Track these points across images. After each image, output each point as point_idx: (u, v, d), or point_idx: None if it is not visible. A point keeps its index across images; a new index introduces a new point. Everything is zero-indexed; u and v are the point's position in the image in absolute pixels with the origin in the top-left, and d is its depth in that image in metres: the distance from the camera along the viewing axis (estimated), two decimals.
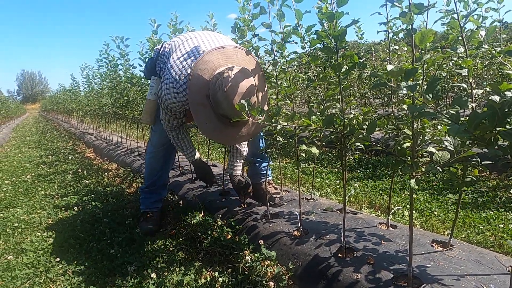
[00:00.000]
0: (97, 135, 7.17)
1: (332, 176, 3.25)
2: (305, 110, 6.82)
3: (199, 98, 1.56)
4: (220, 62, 1.57)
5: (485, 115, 0.75)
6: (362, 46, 3.59)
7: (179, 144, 1.96)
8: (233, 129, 1.59)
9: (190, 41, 1.79)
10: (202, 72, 1.55)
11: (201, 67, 1.55)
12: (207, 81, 1.53)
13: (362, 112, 1.21)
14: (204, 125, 1.61)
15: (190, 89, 1.56)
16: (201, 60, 1.57)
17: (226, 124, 1.57)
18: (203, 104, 1.56)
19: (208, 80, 1.53)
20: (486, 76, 4.57)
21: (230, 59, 1.59)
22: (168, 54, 1.89)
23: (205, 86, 1.53)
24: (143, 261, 1.68)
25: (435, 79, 0.79)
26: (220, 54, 1.59)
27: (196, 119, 1.63)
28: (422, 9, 0.84)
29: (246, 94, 1.46)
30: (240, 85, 1.46)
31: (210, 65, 1.55)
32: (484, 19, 1.54)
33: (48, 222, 2.44)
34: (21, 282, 1.66)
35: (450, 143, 0.92)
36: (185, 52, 1.72)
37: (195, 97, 1.57)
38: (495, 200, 2.29)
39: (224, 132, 1.61)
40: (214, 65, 1.55)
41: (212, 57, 1.58)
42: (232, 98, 1.45)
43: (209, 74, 1.54)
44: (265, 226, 1.68)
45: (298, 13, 1.27)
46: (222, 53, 1.60)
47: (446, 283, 1.05)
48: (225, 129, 1.59)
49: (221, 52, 1.60)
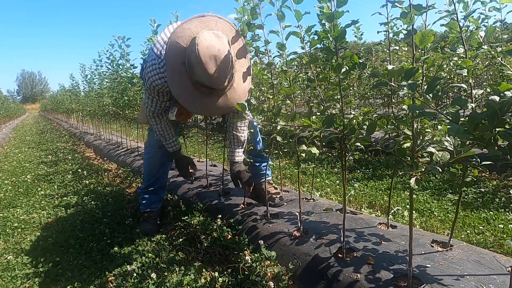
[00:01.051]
0: (97, 135, 7.17)
1: (332, 176, 3.25)
2: (305, 110, 6.82)
3: (176, 66, 1.52)
4: (199, 29, 1.53)
5: (484, 115, 0.75)
6: (361, 46, 3.59)
7: (161, 132, 1.92)
8: (210, 99, 1.56)
9: (174, 24, 1.78)
10: (180, 39, 1.52)
11: (180, 34, 1.53)
12: (184, 48, 1.50)
13: (362, 112, 1.21)
14: (182, 94, 1.57)
15: (168, 56, 1.53)
16: (180, 28, 1.55)
17: (202, 93, 1.54)
18: (179, 72, 1.52)
19: (185, 47, 1.50)
20: (486, 76, 4.58)
21: (210, 26, 1.56)
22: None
23: (182, 53, 1.50)
24: (143, 261, 1.68)
25: (435, 78, 0.79)
26: (200, 22, 1.56)
27: (173, 88, 1.59)
28: (421, 10, 0.84)
29: (219, 58, 1.42)
30: (213, 48, 1.42)
31: (188, 32, 1.52)
32: (487, 18, 1.54)
33: (48, 222, 2.44)
34: (21, 282, 1.66)
35: (450, 143, 0.92)
36: (168, 31, 1.71)
37: (173, 65, 1.53)
38: (495, 200, 2.29)
39: (201, 102, 1.56)
40: (192, 32, 1.52)
41: (191, 25, 1.55)
42: (204, 60, 1.41)
43: (186, 41, 1.51)
44: (265, 226, 1.68)
45: (297, 14, 1.27)
46: (202, 21, 1.57)
47: (446, 283, 1.05)
48: (202, 99, 1.55)
49: (201, 20, 1.57)
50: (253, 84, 2.28)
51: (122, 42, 3.51)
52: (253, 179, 2.00)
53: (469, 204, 2.29)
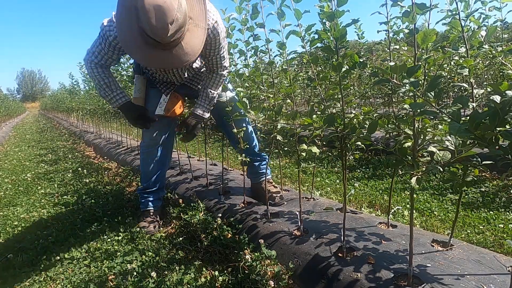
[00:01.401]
0: (97, 133, 7.17)
1: (332, 176, 3.25)
2: (305, 109, 6.82)
3: (126, 10, 1.45)
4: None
5: (486, 114, 0.74)
6: (362, 45, 3.58)
7: (102, 82, 1.80)
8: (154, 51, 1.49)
9: None
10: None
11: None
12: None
13: (363, 112, 1.21)
14: (127, 41, 1.51)
15: (118, 2, 1.48)
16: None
17: (147, 44, 1.48)
18: (129, 17, 1.45)
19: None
20: (487, 76, 4.57)
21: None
22: None
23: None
24: (143, 260, 1.68)
25: (437, 77, 0.79)
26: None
27: (121, 32, 1.52)
28: (425, 10, 0.84)
29: (164, 10, 1.36)
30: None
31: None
32: (487, 18, 1.54)
33: (48, 221, 2.44)
34: (21, 280, 1.66)
35: (451, 142, 0.92)
36: None
37: (123, 8, 1.47)
38: (495, 200, 2.29)
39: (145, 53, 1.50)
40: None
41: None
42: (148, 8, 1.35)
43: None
44: (265, 226, 1.68)
45: (297, 12, 1.27)
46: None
47: (446, 282, 1.05)
48: (146, 49, 1.49)
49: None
50: (250, 82, 2.28)
51: None
52: (251, 182, 1.99)
53: (470, 203, 2.29)
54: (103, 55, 1.75)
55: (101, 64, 1.79)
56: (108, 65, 1.83)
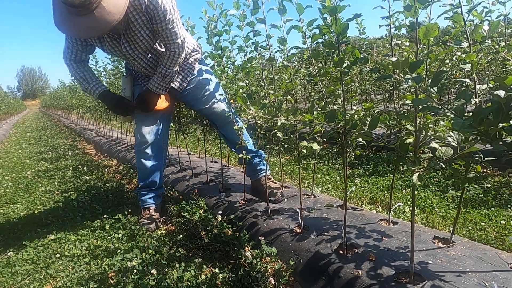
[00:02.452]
0: (97, 131, 7.16)
1: (332, 173, 3.24)
2: (305, 106, 6.80)
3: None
4: None
5: (490, 110, 0.73)
6: (363, 41, 3.56)
7: (78, 77, 1.87)
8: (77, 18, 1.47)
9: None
10: None
11: None
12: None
13: (364, 108, 1.20)
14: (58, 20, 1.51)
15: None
16: None
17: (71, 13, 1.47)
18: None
19: None
20: (488, 72, 4.54)
21: None
22: None
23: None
24: (143, 257, 1.68)
25: (440, 72, 0.78)
26: None
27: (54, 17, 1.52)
28: (427, 3, 0.83)
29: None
30: None
31: None
32: (491, 12, 1.51)
33: (48, 218, 2.44)
34: (21, 278, 1.66)
35: (454, 138, 0.91)
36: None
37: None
38: (497, 197, 2.28)
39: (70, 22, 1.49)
40: None
41: None
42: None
43: None
44: (265, 223, 1.67)
45: (299, 7, 1.26)
46: None
47: (447, 279, 1.04)
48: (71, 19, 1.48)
49: None
50: (250, 79, 2.26)
51: None
52: (250, 179, 1.96)
53: (471, 200, 2.28)
54: (71, 49, 1.81)
55: (74, 59, 1.84)
56: (81, 59, 1.87)
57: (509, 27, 2.66)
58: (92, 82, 1.89)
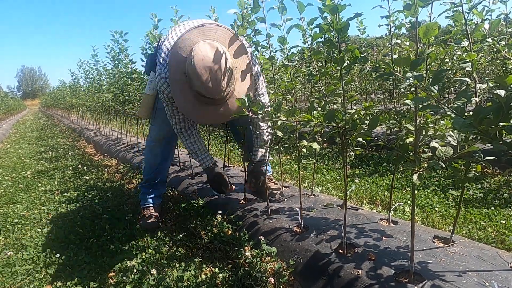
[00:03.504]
0: (97, 131, 7.16)
1: (332, 172, 3.24)
2: (305, 105, 6.80)
3: (178, 76, 1.55)
4: (199, 39, 1.56)
5: (490, 109, 0.73)
6: (363, 40, 3.56)
7: (192, 147, 1.93)
8: (210, 108, 1.57)
9: (177, 28, 1.79)
10: (181, 50, 1.55)
11: (180, 45, 1.56)
12: (185, 57, 1.53)
13: (364, 107, 1.20)
14: (183, 104, 1.60)
15: (170, 66, 1.57)
16: (181, 39, 1.58)
17: (202, 103, 1.56)
18: (181, 82, 1.55)
19: (185, 57, 1.53)
20: (488, 71, 4.54)
21: (209, 36, 1.58)
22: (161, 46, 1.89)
23: (183, 62, 1.53)
24: (143, 257, 1.68)
25: (441, 70, 0.77)
26: (199, 32, 1.59)
27: (176, 98, 1.62)
28: (427, 2, 0.82)
29: (215, 69, 1.45)
30: (208, 59, 1.44)
31: (188, 42, 1.55)
32: (491, 11, 1.51)
33: (48, 218, 2.44)
34: (21, 277, 1.66)
35: (454, 138, 0.91)
36: (170, 37, 1.73)
37: (175, 75, 1.56)
38: (497, 196, 2.28)
39: (202, 111, 1.59)
40: (192, 42, 1.55)
41: (191, 35, 1.58)
42: (200, 72, 1.44)
43: (187, 52, 1.53)
44: (265, 222, 1.67)
45: (300, 5, 1.25)
46: (201, 30, 1.59)
47: (447, 279, 1.04)
48: (202, 108, 1.58)
49: (200, 30, 1.59)
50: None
51: (120, 37, 3.48)
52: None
53: (471, 199, 2.28)
54: (177, 114, 1.82)
55: (185, 128, 1.87)
56: (191, 125, 1.91)
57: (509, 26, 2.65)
58: (201, 155, 1.95)
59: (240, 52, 1.61)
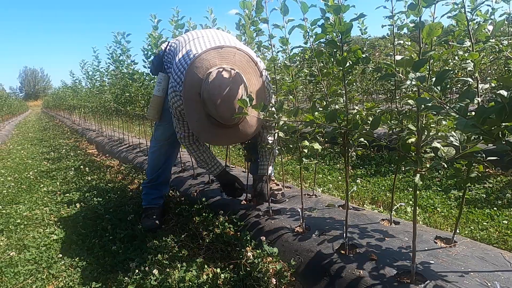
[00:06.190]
0: (99, 131, 7.17)
1: (334, 173, 3.24)
2: (307, 106, 6.79)
3: (192, 95, 1.56)
4: (216, 61, 1.56)
5: (493, 109, 0.73)
6: (365, 41, 3.55)
7: (201, 158, 1.93)
8: (221, 130, 1.59)
9: (192, 42, 1.77)
10: (197, 70, 1.55)
11: (197, 65, 1.56)
12: (201, 79, 1.54)
13: (366, 108, 1.20)
14: (195, 123, 1.61)
15: (185, 85, 1.57)
16: (198, 58, 1.58)
17: (214, 124, 1.58)
18: (195, 101, 1.56)
19: (201, 78, 1.53)
20: (490, 71, 4.53)
21: (227, 59, 1.58)
22: (174, 52, 1.88)
23: (198, 83, 1.54)
24: (145, 257, 1.68)
25: (444, 71, 0.77)
26: (218, 54, 1.59)
27: (188, 116, 1.63)
28: (430, 2, 0.82)
29: (230, 96, 1.45)
30: (224, 86, 1.45)
31: (206, 63, 1.56)
32: (494, 11, 1.50)
33: (50, 219, 2.45)
34: (24, 278, 1.67)
35: (456, 138, 0.90)
36: (186, 52, 1.71)
37: (188, 94, 1.57)
38: (500, 196, 2.27)
39: (212, 132, 1.61)
40: (210, 64, 1.56)
41: (209, 56, 1.58)
42: (215, 99, 1.45)
43: (203, 73, 1.54)
44: (267, 223, 1.67)
45: (303, 6, 1.25)
46: (219, 53, 1.60)
47: (449, 279, 1.04)
48: (213, 129, 1.59)
49: (219, 52, 1.60)
50: None
51: (122, 38, 3.48)
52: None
53: (473, 200, 2.27)
54: (186, 128, 1.82)
55: (193, 140, 1.87)
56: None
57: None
58: (211, 163, 1.95)
59: (255, 76, 1.62)
